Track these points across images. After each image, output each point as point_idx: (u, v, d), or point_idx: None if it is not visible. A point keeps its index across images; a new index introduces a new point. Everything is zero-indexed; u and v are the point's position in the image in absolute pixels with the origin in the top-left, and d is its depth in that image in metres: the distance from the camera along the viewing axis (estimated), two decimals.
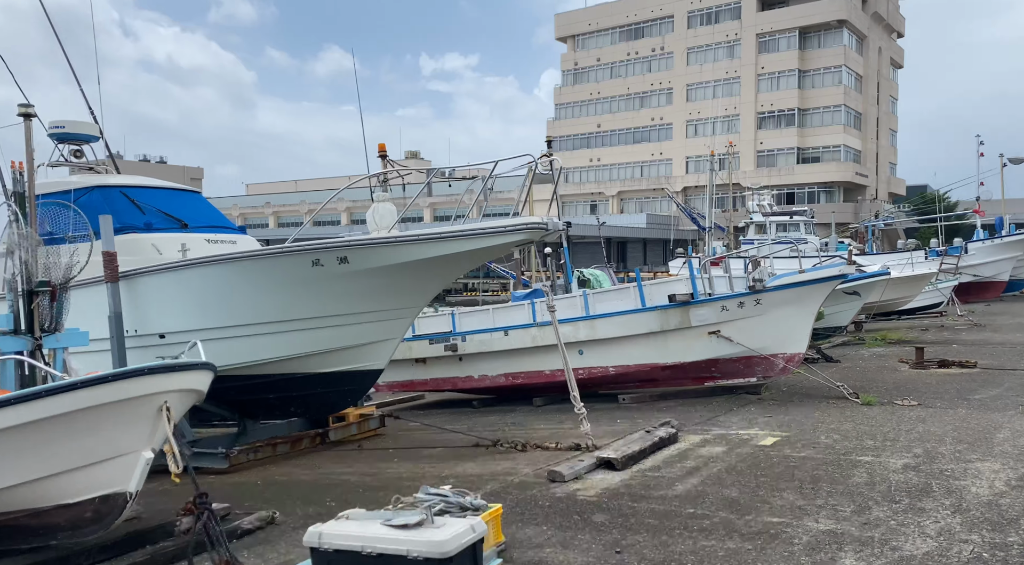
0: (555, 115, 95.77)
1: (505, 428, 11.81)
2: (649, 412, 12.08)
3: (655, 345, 12.93)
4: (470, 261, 9.72)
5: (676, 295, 12.38)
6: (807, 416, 10.96)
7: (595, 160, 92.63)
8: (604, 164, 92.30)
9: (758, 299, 12.35)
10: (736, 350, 12.60)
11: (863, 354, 18.49)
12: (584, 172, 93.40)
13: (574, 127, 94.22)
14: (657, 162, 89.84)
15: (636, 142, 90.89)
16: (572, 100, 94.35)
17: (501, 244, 9.28)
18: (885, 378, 14.35)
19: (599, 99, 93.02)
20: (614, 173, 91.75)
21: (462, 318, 14.70)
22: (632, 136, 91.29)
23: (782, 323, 12.47)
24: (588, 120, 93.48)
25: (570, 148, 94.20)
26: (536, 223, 9.05)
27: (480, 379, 14.57)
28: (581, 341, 13.38)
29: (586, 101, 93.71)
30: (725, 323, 12.56)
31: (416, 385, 15.38)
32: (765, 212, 43.76)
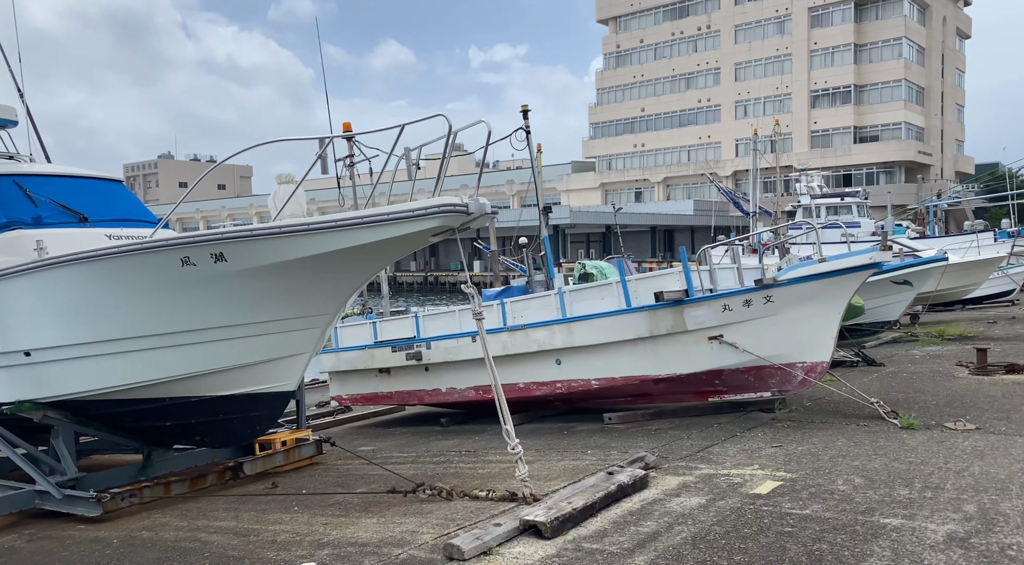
0: (597, 100, 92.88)
1: (456, 458, 9.69)
2: (633, 437, 9.81)
3: (645, 353, 10.63)
4: (378, 256, 7.60)
5: (664, 293, 10.04)
6: (827, 445, 8.56)
7: (639, 145, 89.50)
8: (649, 149, 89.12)
9: (768, 296, 9.95)
10: (743, 359, 10.22)
11: (914, 355, 15.80)
12: (628, 158, 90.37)
13: (617, 112, 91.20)
14: (705, 146, 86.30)
15: (682, 125, 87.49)
16: (615, 84, 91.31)
17: (410, 234, 7.14)
18: (936, 388, 11.76)
19: (643, 82, 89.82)
20: (659, 158, 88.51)
21: (427, 321, 12.60)
22: (678, 119, 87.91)
23: (800, 325, 10.05)
24: (632, 104, 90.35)
25: (613, 134, 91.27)
26: (451, 205, 6.91)
27: (448, 392, 12.46)
28: (558, 349, 11.16)
29: (629, 84, 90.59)
30: (728, 326, 10.19)
31: (380, 399, 13.36)
32: (814, 195, 40.54)
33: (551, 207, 12.57)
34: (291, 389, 8.67)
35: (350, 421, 14.10)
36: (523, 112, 12.68)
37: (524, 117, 12.69)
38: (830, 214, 40.23)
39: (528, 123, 12.67)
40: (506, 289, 12.68)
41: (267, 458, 9.79)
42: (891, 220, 39.53)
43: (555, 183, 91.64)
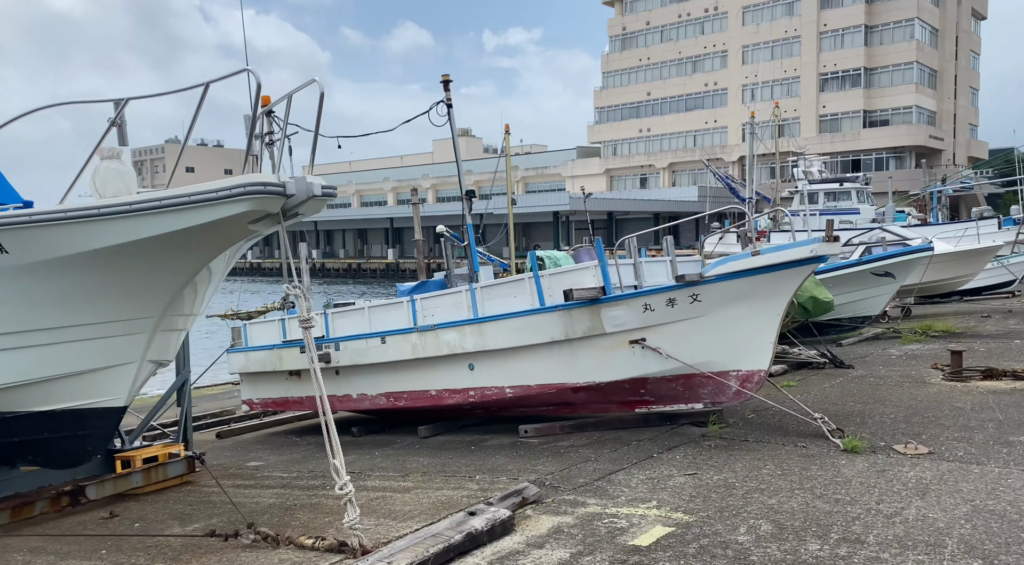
0: (602, 84, 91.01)
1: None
2: (539, 457, 8.51)
3: (561, 358, 9.32)
4: (187, 248, 6.31)
5: (574, 290, 8.69)
6: (749, 474, 7.23)
7: (645, 130, 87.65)
8: (654, 134, 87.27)
9: (694, 294, 8.59)
10: (669, 366, 8.89)
11: (890, 354, 14.38)
12: (633, 143, 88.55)
13: (622, 96, 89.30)
14: (711, 130, 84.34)
15: (688, 110, 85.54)
16: (620, 67, 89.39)
17: (217, 221, 5.86)
18: (900, 397, 10.38)
19: (649, 65, 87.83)
20: (665, 143, 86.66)
21: (336, 319, 11.32)
22: (684, 103, 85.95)
23: (732, 328, 8.70)
24: (637, 88, 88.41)
25: (618, 118, 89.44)
26: (259, 185, 5.63)
27: (359, 399, 11.19)
28: (469, 352, 9.86)
29: (635, 68, 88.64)
30: (651, 328, 8.85)
31: (291, 404, 12.12)
32: (812, 179, 38.92)
33: (474, 192, 11.24)
34: (121, 404, 7.42)
35: (261, 428, 12.87)
36: (444, 82, 11.36)
37: (445, 89, 11.37)
38: (829, 200, 38.64)
39: (449, 95, 11.35)
40: (421, 284, 11.39)
41: (119, 479, 8.57)
42: (892, 207, 37.88)
43: (560, 169, 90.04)
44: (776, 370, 12.87)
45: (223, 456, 10.89)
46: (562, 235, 69.51)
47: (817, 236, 8.17)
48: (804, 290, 13.40)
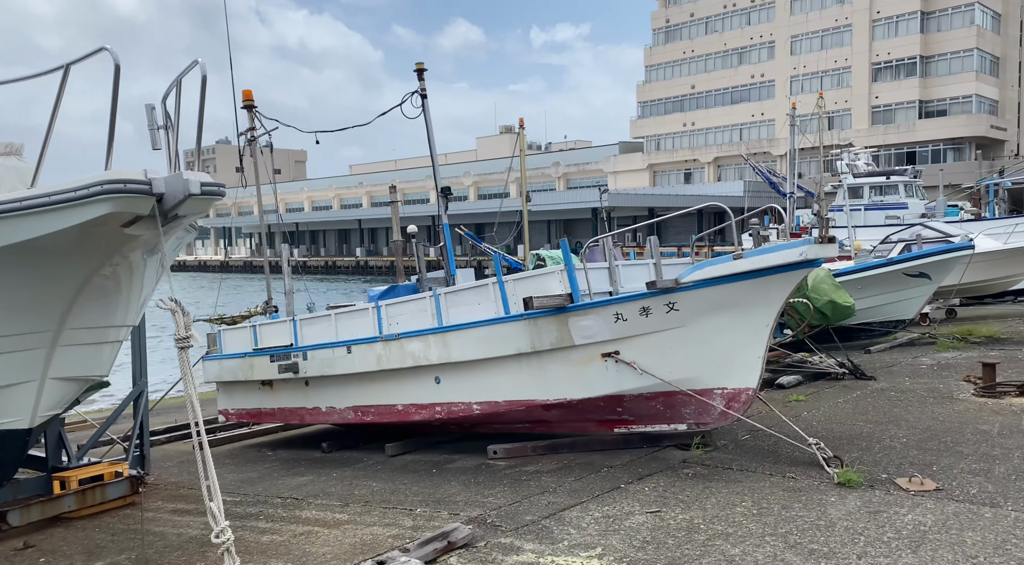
0: (645, 78, 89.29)
1: (269, 509, 7.70)
2: (494, 485, 7.66)
3: (530, 372, 8.43)
4: (53, 256, 5.61)
5: (534, 298, 7.78)
6: (720, 513, 6.27)
7: (689, 124, 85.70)
8: (699, 128, 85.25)
9: (671, 303, 7.62)
10: (645, 383, 7.94)
11: (921, 364, 13.12)
12: (677, 138, 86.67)
13: (666, 90, 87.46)
14: (758, 124, 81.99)
15: (734, 103, 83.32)
16: (664, 60, 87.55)
17: (76, 225, 5.14)
18: (920, 417, 9.24)
19: (693, 58, 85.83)
20: (710, 137, 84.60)
21: (304, 327, 10.61)
22: (730, 96, 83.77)
23: (715, 340, 7.71)
24: (681, 81, 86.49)
25: (662, 113, 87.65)
26: (122, 183, 4.88)
27: (328, 412, 10.46)
28: (434, 364, 9.03)
29: (679, 61, 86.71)
30: (624, 340, 7.91)
31: (264, 415, 11.45)
32: (857, 173, 37.11)
33: (451, 189, 10.39)
34: (24, 427, 6.78)
35: (240, 439, 12.24)
36: (417, 71, 10.56)
37: (419, 77, 10.56)
38: (875, 194, 36.81)
39: (424, 85, 10.54)
40: (390, 289, 10.59)
41: (47, 504, 7.96)
42: (943, 201, 35.93)
43: (601, 165, 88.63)
44: (788, 382, 11.78)
45: (185, 472, 10.25)
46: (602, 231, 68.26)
47: (808, 238, 7.13)
48: (822, 294, 12.27)
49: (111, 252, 5.76)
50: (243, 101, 13.00)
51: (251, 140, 13.12)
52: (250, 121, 13.10)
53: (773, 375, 12.27)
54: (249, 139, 13.13)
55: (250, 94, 13.07)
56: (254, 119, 13.09)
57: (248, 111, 13.03)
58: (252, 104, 13.07)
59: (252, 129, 13.14)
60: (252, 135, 13.09)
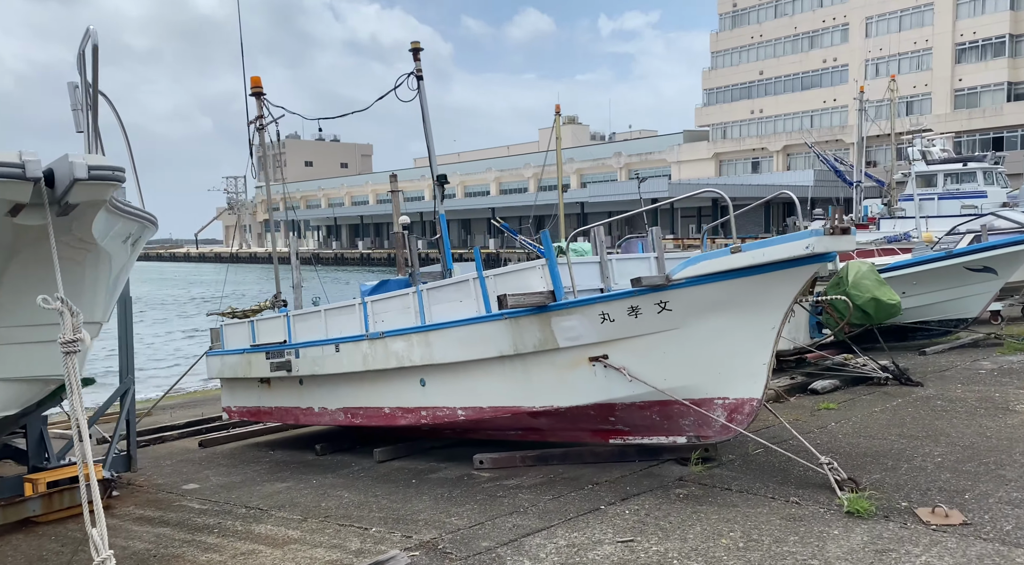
0: (711, 64, 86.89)
1: (229, 521, 7.21)
2: (466, 502, 6.97)
3: (514, 376, 7.71)
4: None
5: (508, 296, 7.02)
6: (698, 547, 5.44)
7: (757, 111, 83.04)
8: (767, 116, 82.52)
9: (662, 302, 6.77)
10: (637, 390, 7.12)
11: (980, 368, 11.85)
12: (744, 125, 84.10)
13: (733, 76, 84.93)
14: (829, 110, 78.82)
15: (804, 89, 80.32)
16: (730, 46, 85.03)
17: None
18: (962, 433, 8.14)
19: (761, 43, 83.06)
20: (779, 125, 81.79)
21: (297, 323, 10.11)
22: (800, 82, 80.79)
23: (714, 345, 6.84)
24: (749, 67, 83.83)
25: (728, 100, 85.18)
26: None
27: (320, 413, 9.95)
28: (417, 365, 8.39)
29: (746, 46, 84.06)
30: (613, 343, 7.10)
31: (263, 414, 11.03)
32: (930, 160, 34.94)
33: (446, 176, 9.69)
34: None
35: (246, 437, 11.83)
36: (413, 51, 9.90)
37: (414, 57, 9.90)
38: (951, 182, 34.61)
39: (419, 66, 9.88)
40: (381, 283, 9.97)
41: (8, 508, 7.63)
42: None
43: (665, 154, 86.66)
44: (823, 387, 10.73)
45: (177, 473, 9.88)
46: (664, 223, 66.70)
47: (816, 228, 6.18)
48: (864, 290, 11.16)
49: (8, 244, 5.26)
50: (251, 88, 12.59)
51: (260, 128, 12.72)
52: (259, 109, 12.70)
53: (808, 378, 11.24)
54: (259, 127, 12.74)
55: (259, 81, 12.65)
56: (262, 107, 12.68)
57: (256, 98, 12.62)
58: (260, 91, 12.65)
59: (261, 117, 12.74)
60: (261, 123, 12.70)
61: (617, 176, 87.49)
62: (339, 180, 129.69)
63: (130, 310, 9.47)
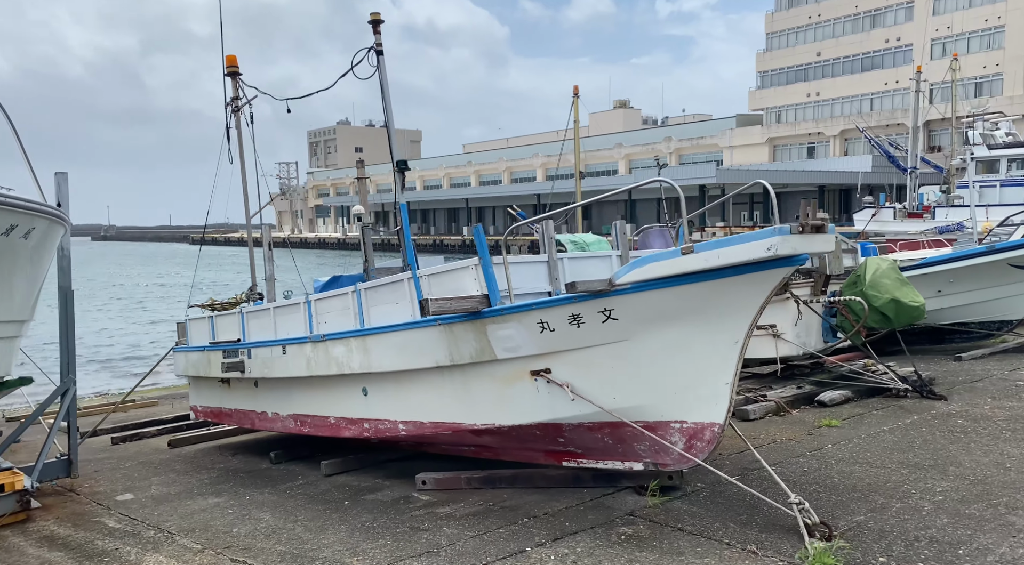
0: (766, 46, 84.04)
1: (131, 546, 6.53)
2: (383, 535, 6.15)
3: (453, 390, 6.84)
4: None
5: (430, 301, 6.13)
6: None
7: (813, 94, 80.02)
8: (824, 99, 79.45)
9: (607, 309, 5.81)
10: (584, 410, 6.18)
11: (1020, 379, 10.53)
12: (800, 109, 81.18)
13: (789, 58, 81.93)
14: (891, 93, 75.38)
15: (864, 70, 77.03)
16: (787, 27, 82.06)
17: None
18: (979, 460, 6.99)
19: (819, 23, 79.89)
20: (836, 109, 78.69)
21: (251, 321, 9.40)
22: (860, 63, 77.51)
23: (668, 361, 5.86)
24: (806, 48, 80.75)
25: (783, 82, 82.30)
26: None
27: (273, 419, 9.25)
28: (357, 373, 7.59)
29: (804, 26, 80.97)
30: (554, 356, 6.18)
31: (223, 416, 10.39)
32: (993, 144, 32.73)
33: (407, 162, 8.82)
34: None
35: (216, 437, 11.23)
36: (372, 23, 9.01)
37: (374, 30, 9.01)
38: (1016, 168, 32.38)
39: (379, 39, 8.99)
40: (333, 279, 9.16)
41: None
42: None
43: (716, 139, 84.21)
44: (832, 399, 9.61)
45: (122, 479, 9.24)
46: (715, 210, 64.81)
47: (782, 226, 5.14)
48: (883, 291, 9.96)
49: None
50: (226, 67, 11.89)
51: (236, 109, 12.03)
52: (234, 89, 11.99)
53: (818, 388, 10.11)
54: (234, 109, 12.05)
55: (234, 60, 11.93)
56: (238, 87, 11.98)
57: (232, 78, 11.92)
58: (236, 70, 11.94)
59: (236, 98, 12.04)
60: (237, 105, 12.01)
61: (667, 161, 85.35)
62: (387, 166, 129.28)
63: (71, 305, 8.86)
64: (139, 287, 57.40)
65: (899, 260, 13.77)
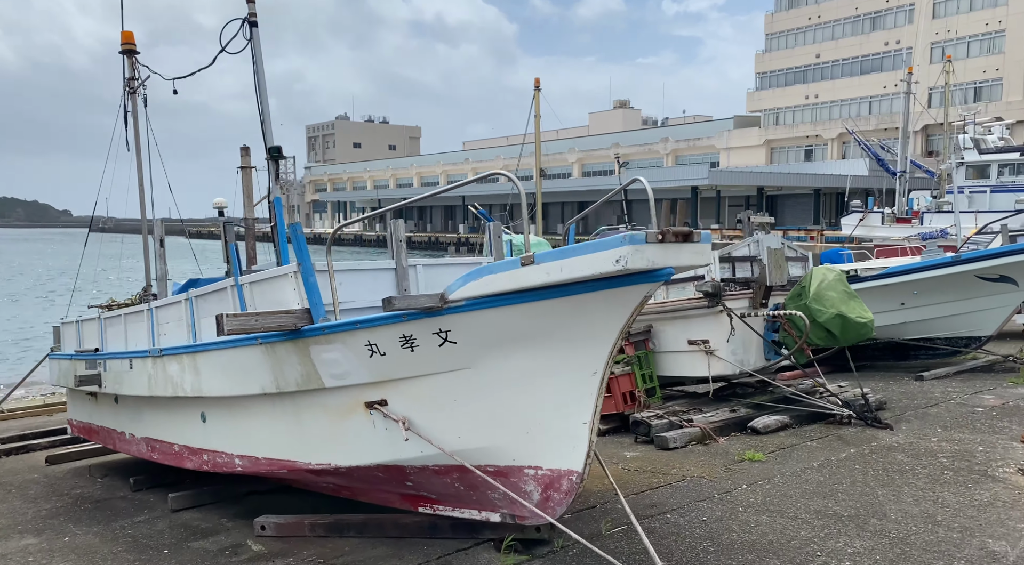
0: (765, 47, 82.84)
1: None
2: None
3: (285, 422, 5.80)
4: None
5: (225, 317, 5.09)
6: None
7: (812, 97, 78.82)
8: (823, 101, 78.27)
9: (442, 330, 4.77)
10: (426, 451, 5.13)
11: (977, 404, 9.45)
12: (798, 111, 80.00)
13: (788, 59, 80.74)
14: (890, 96, 74.06)
15: (864, 73, 75.85)
16: (786, 28, 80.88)
17: None
18: (907, 511, 5.91)
19: (819, 24, 78.70)
20: (835, 111, 77.47)
21: (108, 327, 8.36)
22: (859, 66, 76.36)
23: (515, 393, 4.83)
24: (805, 50, 79.55)
25: (782, 84, 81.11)
26: None
27: (130, 441, 8.20)
28: (190, 396, 6.55)
29: (803, 28, 79.79)
30: (389, 385, 5.13)
31: (92, 433, 9.35)
32: (984, 149, 31.63)
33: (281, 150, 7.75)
34: None
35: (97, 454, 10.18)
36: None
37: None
38: (1007, 173, 31.28)
39: (253, 9, 7.93)
40: (190, 283, 8.09)
41: None
42: None
43: (713, 140, 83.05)
44: (766, 425, 8.55)
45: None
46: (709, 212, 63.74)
47: (636, 234, 4.08)
48: (828, 305, 8.89)
49: None
50: (122, 44, 10.82)
51: (132, 91, 10.98)
52: (130, 69, 10.93)
53: (754, 411, 9.06)
54: (130, 90, 10.99)
55: (130, 36, 10.86)
56: (134, 66, 10.92)
57: (127, 57, 10.87)
58: (133, 48, 10.88)
59: (133, 79, 10.98)
60: (132, 86, 10.95)
61: (664, 162, 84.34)
62: (385, 162, 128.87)
63: None
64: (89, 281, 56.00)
65: (862, 269, 12.74)
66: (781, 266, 9.26)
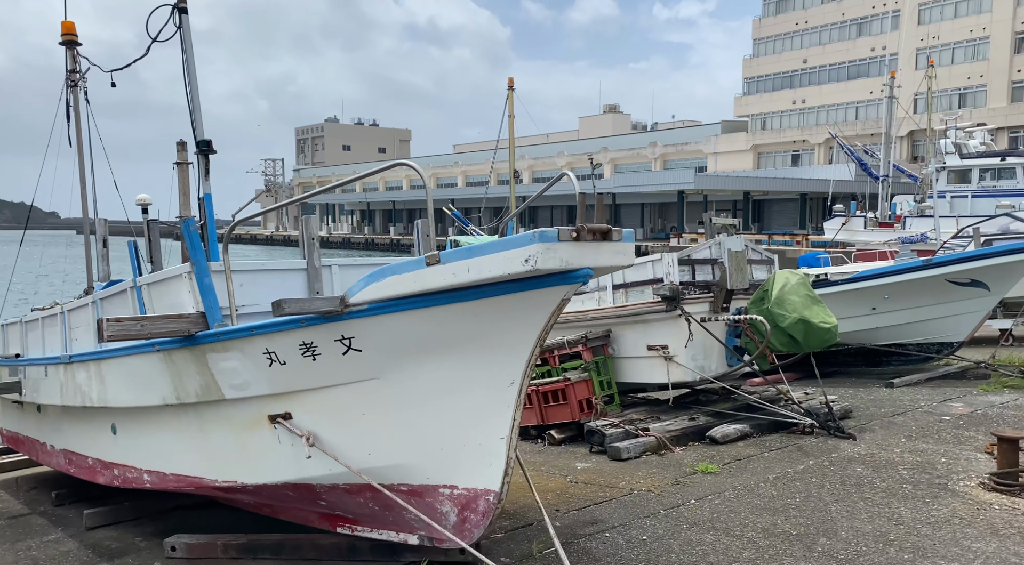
0: (752, 52, 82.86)
1: None
2: None
3: (190, 435, 5.38)
4: None
5: (105, 321, 4.66)
6: None
7: (799, 102, 78.81)
8: (810, 106, 78.27)
9: (346, 337, 4.36)
10: (334, 469, 4.72)
11: (947, 413, 9.11)
12: (785, 116, 79.95)
13: (775, 64, 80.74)
14: (876, 102, 73.84)
15: (850, 78, 75.91)
16: (773, 33, 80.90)
17: None
18: (859, 529, 5.54)
19: (806, 30, 78.77)
20: (822, 116, 77.47)
21: (29, 331, 7.91)
22: (846, 71, 76.43)
23: (427, 406, 4.43)
24: (792, 55, 79.58)
25: (769, 89, 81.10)
26: None
27: (51, 452, 7.75)
28: (97, 407, 6.12)
29: (790, 33, 79.83)
30: (291, 397, 4.73)
31: (19, 443, 8.89)
32: (966, 154, 31.44)
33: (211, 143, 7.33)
34: None
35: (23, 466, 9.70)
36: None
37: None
38: (988, 179, 31.10)
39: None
40: (110, 284, 7.65)
41: None
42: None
43: (701, 145, 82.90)
44: (726, 435, 8.18)
45: None
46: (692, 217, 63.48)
47: (547, 231, 3.70)
48: (790, 309, 8.52)
49: None
50: (62, 35, 10.37)
51: (73, 84, 10.52)
52: (72, 61, 10.49)
53: (714, 419, 8.68)
54: (71, 83, 10.54)
55: (71, 27, 10.40)
56: (75, 59, 10.47)
57: (68, 48, 10.42)
58: (74, 39, 10.43)
59: (74, 71, 10.53)
60: (73, 79, 10.50)
61: (652, 166, 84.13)
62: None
63: None
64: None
65: (832, 273, 12.41)
66: (743, 269, 8.90)
